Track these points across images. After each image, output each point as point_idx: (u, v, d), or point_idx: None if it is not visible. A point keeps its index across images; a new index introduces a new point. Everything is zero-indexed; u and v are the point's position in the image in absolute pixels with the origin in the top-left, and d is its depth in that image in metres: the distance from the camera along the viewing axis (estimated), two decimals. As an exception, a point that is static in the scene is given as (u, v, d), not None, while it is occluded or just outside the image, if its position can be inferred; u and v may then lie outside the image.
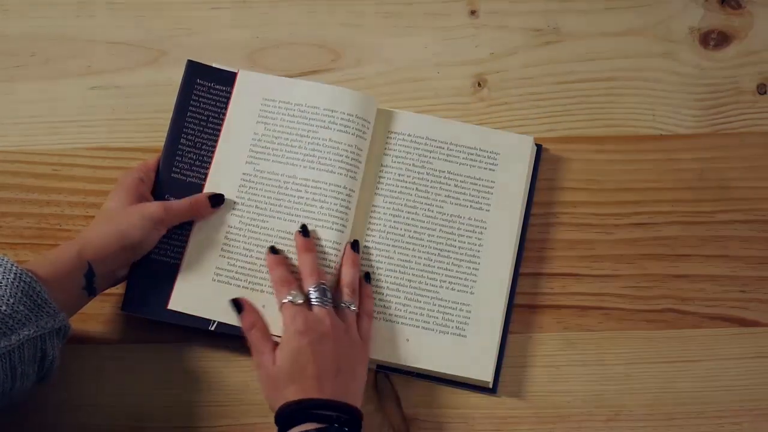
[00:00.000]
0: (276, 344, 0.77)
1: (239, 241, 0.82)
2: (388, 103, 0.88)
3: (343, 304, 0.79)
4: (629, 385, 0.83)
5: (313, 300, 0.78)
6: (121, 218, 0.77)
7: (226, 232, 0.83)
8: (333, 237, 0.82)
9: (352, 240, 0.83)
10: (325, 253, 0.82)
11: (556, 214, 0.87)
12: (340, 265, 0.82)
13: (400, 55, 0.92)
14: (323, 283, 0.79)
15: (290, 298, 0.77)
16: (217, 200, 0.83)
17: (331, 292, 0.79)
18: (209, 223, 0.83)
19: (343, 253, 0.82)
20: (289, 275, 0.80)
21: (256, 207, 0.83)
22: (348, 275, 0.81)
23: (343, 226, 0.82)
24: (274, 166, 0.84)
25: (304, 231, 0.81)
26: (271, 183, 0.84)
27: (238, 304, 0.79)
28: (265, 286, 0.81)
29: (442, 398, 0.82)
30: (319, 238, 0.82)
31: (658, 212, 0.88)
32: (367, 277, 0.82)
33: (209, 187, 0.84)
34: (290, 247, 0.82)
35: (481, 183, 0.85)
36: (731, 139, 0.90)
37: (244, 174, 0.84)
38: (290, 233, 0.82)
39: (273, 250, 0.82)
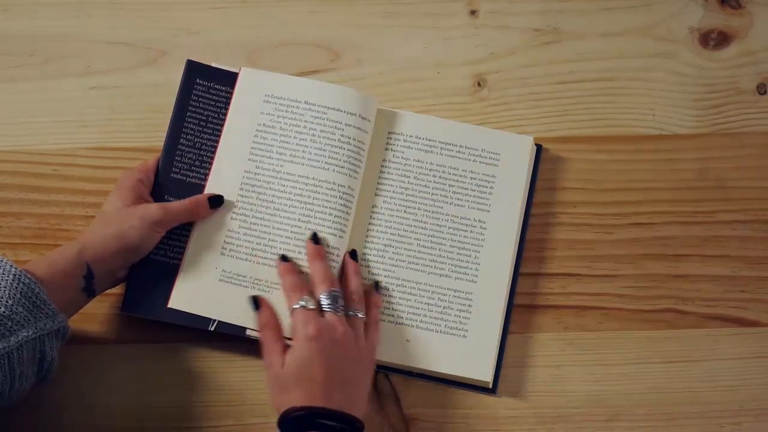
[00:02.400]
0: (287, 346, 0.76)
1: (240, 241, 0.82)
2: (388, 103, 0.88)
3: (351, 312, 0.78)
4: (629, 385, 0.83)
5: (325, 306, 0.77)
6: (121, 220, 0.77)
7: (227, 232, 0.83)
8: (333, 237, 0.82)
9: (350, 249, 0.82)
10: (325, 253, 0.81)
11: (556, 214, 0.87)
12: (343, 275, 0.81)
13: (400, 55, 0.92)
14: (335, 290, 0.78)
15: (302, 303, 0.77)
16: (216, 201, 0.83)
17: (343, 300, 0.79)
18: (210, 223, 0.83)
19: (343, 264, 0.82)
20: (300, 282, 0.79)
21: (257, 206, 0.83)
22: (352, 283, 0.80)
23: (344, 225, 0.82)
24: (275, 165, 0.84)
25: (315, 239, 0.81)
26: (272, 182, 0.84)
27: (256, 301, 0.79)
28: (265, 286, 0.81)
29: (442, 398, 0.82)
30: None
31: (658, 212, 0.88)
32: (377, 286, 0.82)
33: (210, 187, 0.84)
34: (290, 246, 0.82)
35: (481, 183, 0.85)
36: (731, 139, 0.90)
37: (245, 173, 0.84)
38: (290, 232, 0.82)
39: (284, 258, 0.81)
